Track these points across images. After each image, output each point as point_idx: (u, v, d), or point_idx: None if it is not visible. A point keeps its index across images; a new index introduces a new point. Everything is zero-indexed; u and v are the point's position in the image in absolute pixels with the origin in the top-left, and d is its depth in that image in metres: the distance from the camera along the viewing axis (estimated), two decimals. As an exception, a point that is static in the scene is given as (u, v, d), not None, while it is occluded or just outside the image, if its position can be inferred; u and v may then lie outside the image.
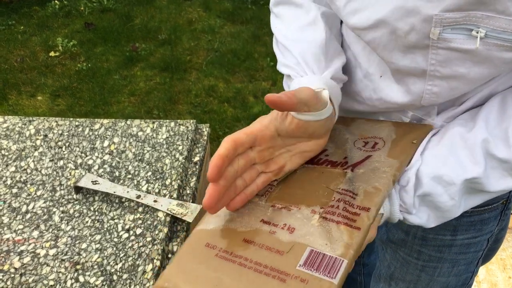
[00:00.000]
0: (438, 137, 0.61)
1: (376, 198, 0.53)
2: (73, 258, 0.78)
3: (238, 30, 3.00)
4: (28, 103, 2.43)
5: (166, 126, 1.03)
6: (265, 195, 0.56)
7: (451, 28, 0.51)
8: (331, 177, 0.57)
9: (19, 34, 2.95)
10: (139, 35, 2.94)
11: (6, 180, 0.92)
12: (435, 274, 0.80)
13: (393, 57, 0.58)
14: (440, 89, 0.59)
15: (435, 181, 0.57)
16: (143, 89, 2.52)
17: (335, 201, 0.53)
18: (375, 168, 0.57)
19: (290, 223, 0.50)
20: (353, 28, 0.59)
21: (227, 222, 0.52)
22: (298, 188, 0.56)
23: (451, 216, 0.60)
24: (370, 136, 0.65)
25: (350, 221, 0.50)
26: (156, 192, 0.89)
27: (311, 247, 0.47)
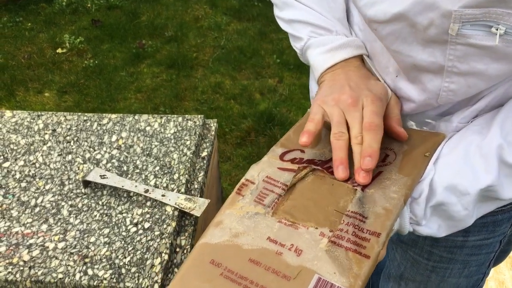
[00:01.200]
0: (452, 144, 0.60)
1: (386, 222, 0.51)
2: (82, 252, 0.78)
3: (244, 27, 3.00)
4: (35, 100, 2.44)
5: (174, 121, 1.03)
6: (272, 206, 0.54)
7: (470, 24, 0.50)
8: (341, 191, 0.55)
9: (27, 31, 2.96)
10: (146, 32, 2.94)
11: (15, 174, 0.92)
12: (445, 275, 0.79)
13: (412, 50, 0.58)
14: (458, 86, 0.58)
15: (449, 191, 0.56)
16: (149, 86, 2.53)
17: (344, 224, 0.51)
18: (385, 186, 0.56)
19: (298, 245, 0.49)
20: (371, 20, 0.59)
21: (232, 237, 0.50)
22: (307, 200, 0.55)
23: (463, 226, 0.59)
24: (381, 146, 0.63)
25: (360, 248, 0.49)
26: (164, 187, 0.89)
27: (319, 275, 0.46)
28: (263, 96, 2.46)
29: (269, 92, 2.48)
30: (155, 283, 0.73)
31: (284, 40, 2.86)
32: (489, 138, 0.56)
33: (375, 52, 0.67)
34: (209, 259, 0.48)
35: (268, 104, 2.40)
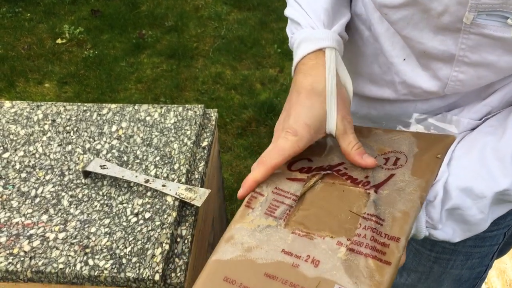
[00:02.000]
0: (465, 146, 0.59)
1: (405, 225, 0.49)
2: (82, 242, 0.78)
3: (245, 16, 2.98)
4: (35, 90, 2.44)
5: (174, 111, 1.02)
6: (283, 218, 0.52)
7: (486, 14, 0.49)
8: (353, 197, 0.54)
9: (26, 21, 2.95)
10: (146, 22, 2.92)
11: (15, 165, 0.92)
12: (448, 266, 0.79)
13: (423, 37, 0.57)
14: (467, 76, 0.57)
15: (464, 194, 0.55)
16: (150, 76, 2.52)
17: (361, 228, 0.49)
18: (400, 188, 0.54)
19: (314, 255, 0.47)
20: (382, 5, 0.57)
21: (245, 252, 0.48)
22: (319, 209, 0.53)
23: (478, 230, 0.58)
24: (390, 150, 0.61)
25: (380, 254, 0.47)
26: (164, 177, 0.89)
27: (339, 285, 0.44)
28: (264, 86, 2.45)
29: (270, 82, 2.47)
30: (156, 273, 0.73)
31: (284, 29, 2.83)
32: (505, 140, 0.55)
33: (378, 34, 0.65)
34: (223, 276, 0.46)
35: (269, 94, 2.39)
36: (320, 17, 0.62)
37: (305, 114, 0.56)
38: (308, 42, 0.60)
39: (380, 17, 0.64)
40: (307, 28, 0.62)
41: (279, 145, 0.56)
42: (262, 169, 0.55)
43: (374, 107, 0.72)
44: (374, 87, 0.69)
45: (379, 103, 0.71)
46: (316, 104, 0.57)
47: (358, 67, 0.71)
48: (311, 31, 0.61)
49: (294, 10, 0.65)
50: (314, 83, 0.57)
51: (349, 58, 0.72)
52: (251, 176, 0.55)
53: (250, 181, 0.55)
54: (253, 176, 0.55)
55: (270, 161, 0.55)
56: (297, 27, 0.64)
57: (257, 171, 0.55)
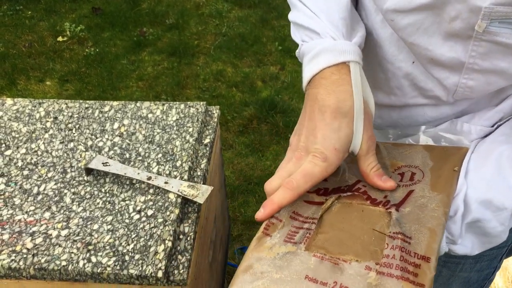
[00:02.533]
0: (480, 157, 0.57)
1: (433, 244, 0.47)
2: (85, 239, 0.78)
3: (246, 14, 2.97)
4: (37, 88, 2.44)
5: (176, 108, 1.02)
6: (304, 242, 0.49)
7: (499, 21, 0.48)
8: (373, 216, 0.51)
9: (27, 19, 2.94)
10: (147, 19, 2.92)
11: (17, 162, 0.92)
12: (457, 269, 0.77)
13: (431, 43, 0.55)
14: (476, 83, 0.56)
15: (483, 206, 0.53)
16: (151, 74, 2.51)
17: (389, 248, 0.46)
18: (422, 205, 0.52)
19: (342, 281, 0.44)
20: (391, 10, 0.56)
21: (265, 281, 0.45)
22: (339, 231, 0.50)
23: (498, 242, 0.57)
24: (404, 165, 0.59)
25: (412, 276, 0.44)
26: (166, 174, 0.89)
27: None
28: (265, 84, 2.45)
29: (271, 80, 2.47)
30: (158, 270, 0.73)
31: (286, 27, 2.84)
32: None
33: (381, 39, 0.63)
34: None
35: (270, 91, 2.38)
36: (339, 28, 0.59)
37: (333, 137, 0.53)
38: (329, 54, 0.56)
39: (382, 21, 0.62)
40: (326, 38, 0.58)
41: (307, 170, 0.53)
42: (289, 195, 0.52)
43: (380, 115, 0.71)
44: (380, 93, 0.68)
45: (385, 110, 0.70)
46: (343, 125, 0.54)
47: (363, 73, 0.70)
48: (332, 42, 0.58)
49: (306, 17, 0.61)
50: (340, 102, 0.54)
51: None
52: (276, 200, 0.52)
53: (275, 205, 0.52)
54: (279, 200, 0.52)
55: (298, 187, 0.52)
56: (311, 35, 0.60)
57: (283, 196, 0.52)
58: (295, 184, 0.52)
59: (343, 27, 0.59)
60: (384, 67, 0.65)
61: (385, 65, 0.65)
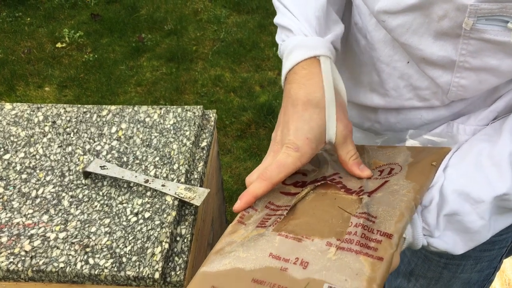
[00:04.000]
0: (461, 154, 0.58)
1: (398, 223, 0.48)
2: (83, 241, 0.79)
3: (244, 20, 2.99)
4: (35, 94, 2.45)
5: (173, 112, 1.03)
6: (273, 225, 0.51)
7: (485, 19, 0.49)
8: (345, 203, 0.52)
9: (26, 25, 2.96)
10: (145, 25, 2.94)
11: (16, 166, 0.93)
12: (457, 271, 0.78)
13: (422, 43, 0.56)
14: (468, 81, 0.57)
15: (461, 198, 0.54)
16: (149, 80, 2.53)
17: (352, 226, 0.48)
18: (394, 191, 0.53)
19: (303, 257, 0.45)
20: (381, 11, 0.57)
21: (233, 260, 0.47)
22: (309, 216, 0.51)
23: (480, 239, 0.57)
24: (385, 163, 0.60)
25: (371, 250, 0.45)
26: (164, 177, 0.89)
27: (329, 284, 0.42)
28: (263, 89, 2.46)
29: (269, 85, 2.48)
30: (155, 272, 0.74)
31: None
32: (500, 146, 0.55)
33: (376, 41, 0.64)
34: (210, 286, 0.44)
35: (268, 96, 2.40)
36: (312, 25, 0.60)
37: (305, 128, 0.55)
38: (300, 50, 0.58)
39: (376, 23, 0.63)
40: (299, 35, 0.60)
41: (280, 161, 0.54)
42: (263, 185, 0.54)
43: (378, 119, 0.72)
44: (376, 96, 0.69)
45: (382, 114, 0.71)
46: (314, 115, 0.55)
47: (358, 77, 0.70)
48: (304, 38, 0.60)
49: (285, 17, 0.63)
50: (310, 94, 0.56)
51: (349, 67, 0.72)
52: (251, 190, 0.54)
53: (250, 196, 0.54)
54: (253, 191, 0.54)
55: (271, 178, 0.54)
56: (288, 34, 0.62)
57: (258, 186, 0.54)
58: (268, 175, 0.54)
59: (317, 25, 0.61)
60: (379, 69, 0.66)
61: (380, 67, 0.66)
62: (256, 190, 0.54)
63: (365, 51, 0.67)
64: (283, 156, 0.55)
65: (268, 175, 0.54)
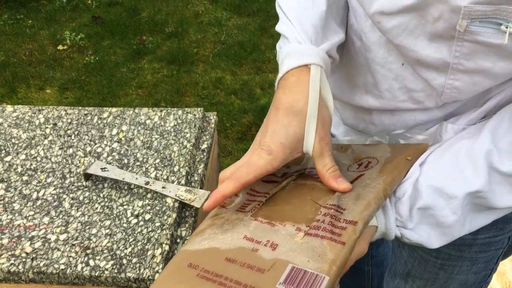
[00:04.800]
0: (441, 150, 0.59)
1: (364, 212, 0.51)
2: (83, 243, 0.79)
3: (244, 22, 3.00)
4: (37, 96, 2.45)
5: (174, 114, 1.04)
6: (252, 211, 0.54)
7: (479, 21, 0.49)
8: (320, 192, 0.55)
9: (27, 28, 2.97)
10: (146, 28, 2.95)
11: (17, 168, 0.93)
12: (454, 272, 0.78)
13: (417, 45, 0.56)
14: (462, 83, 0.57)
15: (436, 193, 0.55)
16: (150, 82, 2.53)
17: (321, 215, 0.51)
18: (366, 184, 0.56)
19: (273, 240, 0.49)
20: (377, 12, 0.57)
21: (211, 241, 0.51)
22: (285, 204, 0.55)
23: (455, 235, 0.57)
24: (364, 157, 0.63)
25: (335, 236, 0.48)
26: (164, 179, 0.90)
27: (293, 264, 0.46)
28: (264, 91, 2.46)
29: (270, 87, 2.48)
30: (156, 273, 0.74)
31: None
32: (479, 144, 0.55)
33: (371, 42, 0.65)
34: (187, 263, 0.48)
35: (269, 98, 2.40)
36: (308, 33, 0.61)
37: (281, 132, 0.55)
38: (293, 57, 0.58)
39: (372, 25, 0.63)
40: (293, 43, 0.61)
41: (251, 162, 0.54)
42: (232, 185, 0.54)
43: (372, 121, 0.72)
44: (371, 97, 0.69)
45: (377, 115, 0.71)
46: (294, 123, 0.55)
47: (353, 78, 0.71)
48: (297, 45, 0.60)
49: (284, 25, 0.64)
50: (294, 101, 0.56)
51: (345, 69, 0.72)
52: (221, 189, 0.54)
53: (218, 195, 0.54)
54: (223, 190, 0.54)
55: (240, 178, 0.54)
56: (285, 41, 0.63)
57: (227, 186, 0.54)
58: (238, 175, 0.54)
59: (313, 33, 0.61)
60: (373, 70, 0.67)
61: (375, 68, 0.66)
62: (225, 189, 0.54)
63: (360, 52, 0.68)
64: (255, 157, 0.54)
65: (238, 175, 0.54)
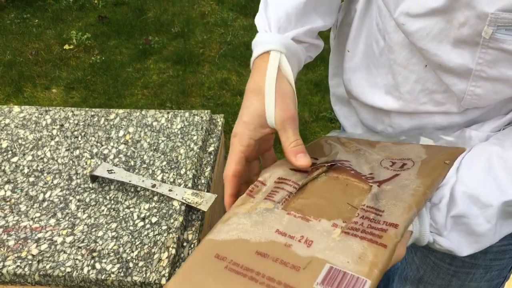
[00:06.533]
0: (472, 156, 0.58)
1: (405, 214, 0.48)
2: (90, 246, 0.78)
3: (250, 23, 2.99)
4: (43, 96, 2.46)
5: (181, 116, 1.03)
6: (282, 202, 0.52)
7: (505, 28, 0.49)
8: (355, 191, 0.53)
9: (34, 27, 2.98)
10: (152, 28, 2.95)
11: (23, 169, 0.93)
12: (467, 279, 0.77)
13: (440, 49, 0.56)
14: (484, 91, 0.57)
15: (471, 201, 0.54)
16: (156, 82, 2.53)
17: (359, 217, 0.49)
18: (404, 185, 0.53)
19: (308, 236, 0.46)
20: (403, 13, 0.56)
21: (239, 232, 0.48)
22: (319, 198, 0.52)
23: (486, 243, 0.57)
24: (398, 158, 0.60)
25: (376, 237, 0.46)
26: (171, 182, 0.89)
27: (331, 264, 0.43)
28: (270, 92, 2.46)
29: (276, 88, 2.48)
30: (162, 277, 0.73)
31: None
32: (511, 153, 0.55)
33: (394, 43, 0.64)
34: (214, 254, 0.45)
35: (275, 100, 2.39)
36: (279, 22, 0.63)
37: (244, 113, 0.59)
38: (258, 46, 0.63)
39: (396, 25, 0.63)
40: (261, 32, 0.64)
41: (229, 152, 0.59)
42: (226, 184, 0.58)
43: (391, 124, 0.72)
44: (390, 99, 0.69)
45: (396, 118, 0.70)
46: (254, 101, 0.59)
47: (374, 78, 0.70)
48: (263, 35, 0.64)
49: (258, 15, 0.67)
50: (255, 83, 0.60)
51: (366, 69, 0.71)
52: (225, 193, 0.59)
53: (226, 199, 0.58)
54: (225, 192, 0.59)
55: (226, 173, 0.58)
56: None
57: (225, 187, 0.58)
58: (224, 174, 0.59)
59: (285, 21, 0.64)
60: (395, 72, 0.66)
61: (397, 69, 0.65)
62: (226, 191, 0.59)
63: (383, 52, 0.67)
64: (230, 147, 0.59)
65: (224, 174, 0.59)
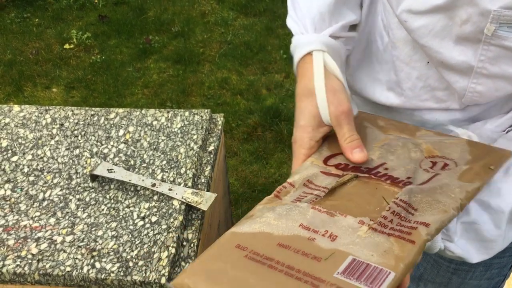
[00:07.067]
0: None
1: (440, 215, 0.46)
2: (90, 245, 0.78)
3: (251, 22, 2.99)
4: (43, 95, 2.46)
5: (181, 115, 1.03)
6: (309, 202, 0.50)
7: (507, 26, 0.49)
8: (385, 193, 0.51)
9: (34, 26, 2.97)
10: (153, 27, 2.94)
11: (23, 168, 0.93)
12: (467, 277, 0.77)
13: (442, 46, 0.56)
14: (485, 88, 0.57)
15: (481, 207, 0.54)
16: (156, 81, 2.53)
17: (389, 212, 0.46)
18: (443, 184, 0.51)
19: (333, 231, 0.45)
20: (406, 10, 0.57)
21: (262, 225, 0.47)
22: (347, 201, 0.50)
23: (495, 249, 0.57)
24: (440, 155, 0.57)
25: (404, 234, 0.44)
26: (171, 181, 0.89)
27: (354, 256, 0.41)
28: (270, 92, 2.46)
29: (276, 88, 2.48)
30: (162, 276, 0.73)
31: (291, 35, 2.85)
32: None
33: (397, 39, 0.64)
34: (235, 244, 0.45)
35: (275, 99, 2.39)
36: (314, 21, 0.63)
37: (299, 117, 0.58)
38: (298, 49, 0.62)
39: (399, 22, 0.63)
40: (297, 35, 0.64)
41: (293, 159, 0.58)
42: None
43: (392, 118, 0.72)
44: (392, 95, 0.69)
45: (397, 114, 0.70)
46: (308, 104, 0.58)
47: (377, 75, 0.70)
48: (300, 37, 0.63)
49: (290, 18, 0.67)
50: (304, 87, 0.59)
51: (369, 64, 0.72)
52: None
53: None
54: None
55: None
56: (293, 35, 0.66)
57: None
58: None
59: (319, 20, 0.63)
60: (397, 68, 0.66)
61: (399, 66, 0.65)
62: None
63: (387, 48, 0.67)
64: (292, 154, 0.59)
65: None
